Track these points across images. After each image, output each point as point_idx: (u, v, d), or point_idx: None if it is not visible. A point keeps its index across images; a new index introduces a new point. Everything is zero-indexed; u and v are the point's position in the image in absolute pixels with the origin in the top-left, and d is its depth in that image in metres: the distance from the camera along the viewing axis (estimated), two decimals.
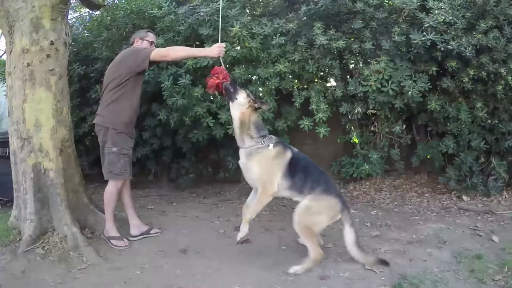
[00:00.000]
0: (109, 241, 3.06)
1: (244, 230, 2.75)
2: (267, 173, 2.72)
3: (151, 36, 3.30)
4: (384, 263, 2.65)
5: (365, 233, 3.30)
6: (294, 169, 2.74)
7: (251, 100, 2.78)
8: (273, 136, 2.83)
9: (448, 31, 3.49)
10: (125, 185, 3.22)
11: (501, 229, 3.25)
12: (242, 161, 2.81)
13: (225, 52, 3.77)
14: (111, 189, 3.10)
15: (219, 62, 3.11)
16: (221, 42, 3.84)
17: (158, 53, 3.01)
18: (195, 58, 3.68)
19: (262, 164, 2.72)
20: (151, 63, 3.05)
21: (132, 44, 3.26)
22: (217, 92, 2.93)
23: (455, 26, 3.46)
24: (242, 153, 2.81)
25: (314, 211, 2.67)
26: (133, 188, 3.71)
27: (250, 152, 2.75)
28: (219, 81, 2.81)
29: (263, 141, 2.74)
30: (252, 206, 2.79)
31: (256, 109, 2.80)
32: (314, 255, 2.66)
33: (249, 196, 2.93)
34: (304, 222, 2.66)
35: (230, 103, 2.83)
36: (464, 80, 3.66)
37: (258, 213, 2.74)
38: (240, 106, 2.78)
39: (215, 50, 3.01)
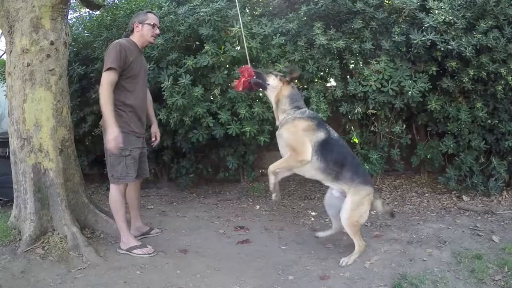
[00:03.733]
0: (131, 252, 2.89)
1: (271, 181, 2.81)
2: (296, 140, 2.75)
3: (151, 18, 2.99)
4: (392, 215, 3.14)
5: (365, 233, 3.30)
6: (328, 152, 2.75)
7: (281, 78, 2.89)
8: (307, 111, 2.88)
9: (448, 31, 3.49)
10: (135, 185, 3.13)
11: (501, 229, 3.25)
12: (277, 133, 2.89)
13: (225, 52, 3.81)
14: (114, 195, 2.91)
15: (245, 59, 3.17)
16: (223, 43, 3.87)
17: (102, 80, 2.77)
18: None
19: (291, 130, 2.77)
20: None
21: (132, 30, 3.00)
22: (248, 90, 2.99)
23: (455, 26, 3.46)
24: (279, 128, 2.88)
25: (359, 204, 2.75)
26: None
27: (283, 123, 2.84)
28: (245, 79, 2.85)
29: (293, 112, 2.81)
30: (278, 161, 2.83)
31: (288, 83, 2.89)
32: (359, 247, 2.79)
33: None
34: (354, 218, 2.74)
35: (265, 91, 2.95)
36: (464, 80, 3.65)
37: (258, 215, 2.76)
38: (274, 89, 2.90)
39: (110, 139, 2.71)
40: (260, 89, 3.06)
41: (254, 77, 2.86)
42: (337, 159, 2.77)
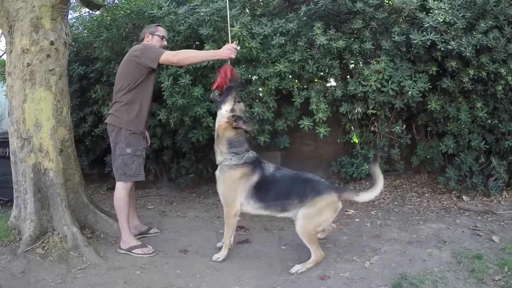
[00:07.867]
0: (131, 252, 2.91)
1: (223, 253, 2.84)
2: (229, 193, 2.75)
3: (161, 31, 3.18)
4: None
5: (365, 233, 3.30)
6: (263, 192, 2.71)
7: (231, 116, 2.70)
8: (245, 156, 2.74)
9: (448, 31, 3.49)
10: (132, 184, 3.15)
11: (501, 229, 3.25)
12: (216, 174, 2.85)
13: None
14: (121, 193, 2.96)
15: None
16: (223, 43, 3.86)
17: (167, 59, 2.89)
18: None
19: (227, 183, 2.74)
20: (159, 64, 2.94)
21: (142, 40, 3.16)
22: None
23: (455, 26, 3.46)
24: (218, 171, 2.84)
25: (315, 214, 2.65)
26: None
27: (220, 168, 2.79)
28: (220, 81, 2.79)
29: (231, 159, 2.72)
30: (225, 232, 2.84)
31: (235, 128, 2.73)
32: (316, 257, 2.70)
33: None
34: (307, 228, 2.65)
35: (217, 109, 2.81)
36: (464, 80, 3.65)
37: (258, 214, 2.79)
38: (220, 117, 2.76)
39: (225, 51, 2.87)
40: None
41: (225, 87, 2.76)
42: (277, 195, 2.70)
